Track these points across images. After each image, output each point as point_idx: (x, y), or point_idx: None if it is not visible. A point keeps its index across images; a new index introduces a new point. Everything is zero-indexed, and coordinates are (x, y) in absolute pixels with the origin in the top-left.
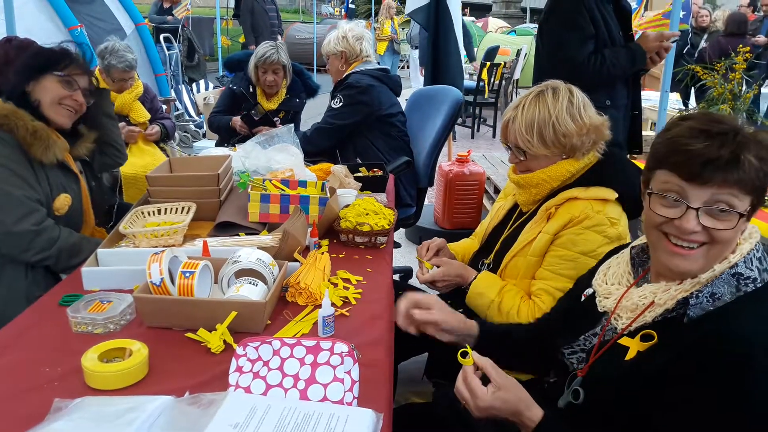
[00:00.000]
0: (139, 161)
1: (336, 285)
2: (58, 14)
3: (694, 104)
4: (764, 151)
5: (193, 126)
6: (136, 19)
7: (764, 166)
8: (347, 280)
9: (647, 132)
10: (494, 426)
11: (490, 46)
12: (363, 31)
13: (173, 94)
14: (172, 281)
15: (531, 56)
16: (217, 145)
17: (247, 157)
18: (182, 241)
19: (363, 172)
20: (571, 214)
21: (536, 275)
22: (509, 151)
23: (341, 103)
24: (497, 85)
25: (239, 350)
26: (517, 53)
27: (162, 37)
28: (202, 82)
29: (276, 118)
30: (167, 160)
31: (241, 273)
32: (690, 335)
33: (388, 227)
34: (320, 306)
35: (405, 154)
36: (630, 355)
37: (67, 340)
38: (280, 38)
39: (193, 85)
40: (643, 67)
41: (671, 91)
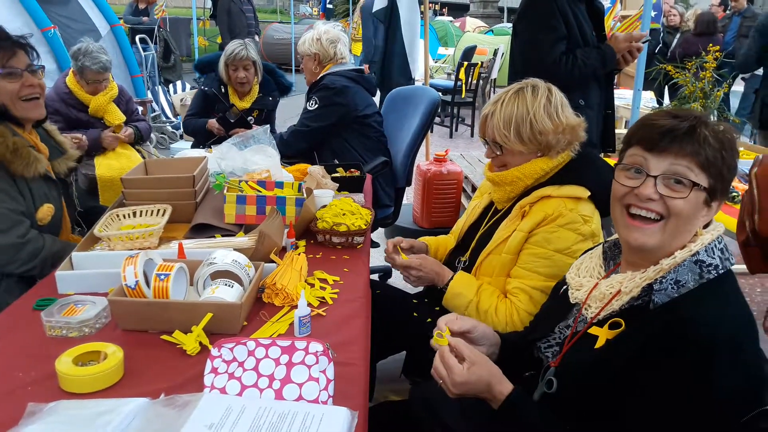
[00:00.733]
0: (115, 164)
1: (313, 285)
2: (30, 15)
3: (668, 102)
4: (722, 135)
5: (170, 127)
6: (111, 20)
7: (723, 150)
8: (324, 281)
9: (620, 130)
10: (466, 421)
11: (468, 46)
12: (339, 33)
13: (150, 95)
14: (147, 284)
15: (508, 56)
16: (192, 147)
17: (222, 159)
18: (158, 243)
19: (340, 172)
20: (544, 212)
21: (512, 273)
22: (486, 146)
23: (317, 105)
24: (475, 85)
25: (214, 351)
26: (495, 53)
27: (138, 38)
28: (179, 83)
29: (249, 117)
30: (142, 162)
31: (217, 275)
32: (656, 322)
33: (365, 227)
34: (297, 306)
35: (382, 155)
36: (599, 344)
37: (42, 344)
38: (257, 38)
39: (170, 86)
40: (614, 68)
41: (645, 89)
